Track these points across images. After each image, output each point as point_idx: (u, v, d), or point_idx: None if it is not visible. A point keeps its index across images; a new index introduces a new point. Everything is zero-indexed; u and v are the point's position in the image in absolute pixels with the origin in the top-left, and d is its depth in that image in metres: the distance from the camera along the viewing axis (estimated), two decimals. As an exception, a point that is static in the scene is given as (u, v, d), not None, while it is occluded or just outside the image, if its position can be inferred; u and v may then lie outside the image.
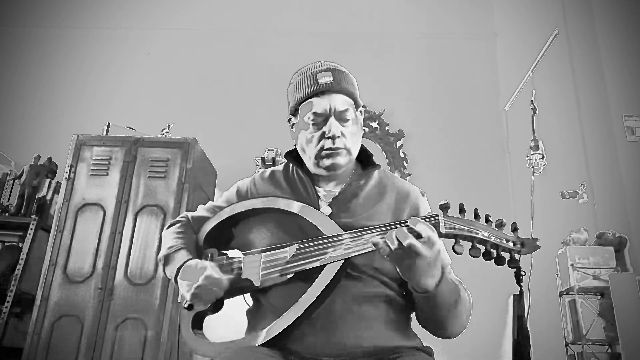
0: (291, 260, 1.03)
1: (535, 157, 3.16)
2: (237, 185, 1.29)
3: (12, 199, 3.37)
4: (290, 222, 1.10)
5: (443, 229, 0.93)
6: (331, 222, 1.05)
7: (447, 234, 0.94)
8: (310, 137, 1.14)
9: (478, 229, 0.95)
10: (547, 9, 4.06)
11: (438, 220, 0.94)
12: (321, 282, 0.98)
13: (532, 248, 0.97)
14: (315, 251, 1.02)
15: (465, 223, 0.95)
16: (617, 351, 2.90)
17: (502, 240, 0.96)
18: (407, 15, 4.71)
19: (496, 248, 0.96)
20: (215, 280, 1.05)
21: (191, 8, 4.73)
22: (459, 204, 0.97)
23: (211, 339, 1.10)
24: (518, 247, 0.97)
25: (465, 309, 1.04)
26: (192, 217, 1.27)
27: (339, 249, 1.00)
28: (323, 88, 1.12)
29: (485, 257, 0.95)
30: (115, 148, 2.96)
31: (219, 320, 1.16)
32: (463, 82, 4.43)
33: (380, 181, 1.20)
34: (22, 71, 4.55)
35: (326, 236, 1.03)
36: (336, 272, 0.99)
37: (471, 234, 0.94)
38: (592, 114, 3.63)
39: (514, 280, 1.06)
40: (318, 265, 1.01)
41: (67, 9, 4.74)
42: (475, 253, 0.95)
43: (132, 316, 2.62)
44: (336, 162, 1.13)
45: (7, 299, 2.89)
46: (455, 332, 1.05)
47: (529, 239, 0.99)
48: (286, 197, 1.15)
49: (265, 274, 1.05)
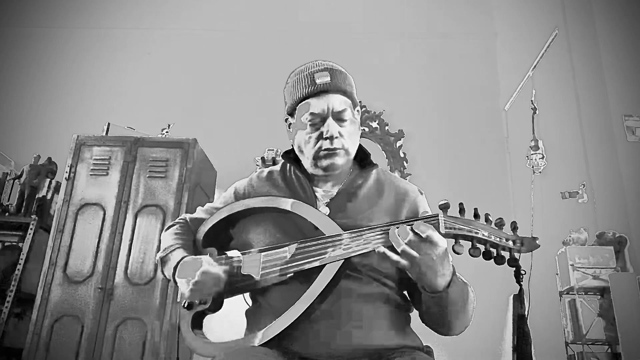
0: (291, 260, 1.03)
1: (535, 157, 3.16)
2: (234, 186, 1.28)
3: (12, 199, 3.37)
4: (288, 222, 1.10)
5: (443, 229, 0.93)
6: (331, 222, 1.05)
7: (447, 234, 0.94)
8: (308, 138, 1.13)
9: (478, 229, 0.95)
10: (547, 9, 4.06)
11: (438, 221, 0.94)
12: (321, 282, 0.98)
13: (531, 247, 0.97)
14: (314, 251, 1.02)
15: (465, 223, 0.95)
16: (617, 351, 2.90)
17: (501, 239, 0.96)
18: (407, 16, 4.71)
19: (496, 247, 0.96)
20: (212, 274, 1.05)
21: (191, 8, 4.73)
22: (459, 203, 0.97)
23: (211, 339, 1.09)
24: (518, 246, 0.97)
25: (471, 309, 1.04)
26: (190, 218, 1.27)
27: (338, 249, 1.00)
28: (320, 88, 1.12)
29: (485, 256, 0.96)
30: (115, 148, 2.96)
31: (219, 321, 1.16)
32: (463, 82, 4.43)
33: (378, 180, 1.20)
34: (22, 71, 4.55)
35: (326, 236, 1.03)
36: (336, 272, 0.99)
37: (471, 233, 0.94)
38: (592, 114, 3.63)
39: (514, 280, 1.06)
40: (318, 265, 1.01)
41: (67, 9, 4.74)
42: (475, 252, 0.95)
43: (132, 316, 2.62)
44: (334, 163, 1.12)
45: (7, 299, 2.89)
46: (459, 331, 1.05)
47: (529, 238, 0.99)
48: (285, 197, 1.14)
49: (265, 273, 1.05)
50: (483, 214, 0.97)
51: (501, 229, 0.97)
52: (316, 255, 1.02)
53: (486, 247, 0.96)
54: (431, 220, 0.94)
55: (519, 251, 0.97)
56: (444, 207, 0.95)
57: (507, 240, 0.97)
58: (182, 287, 1.08)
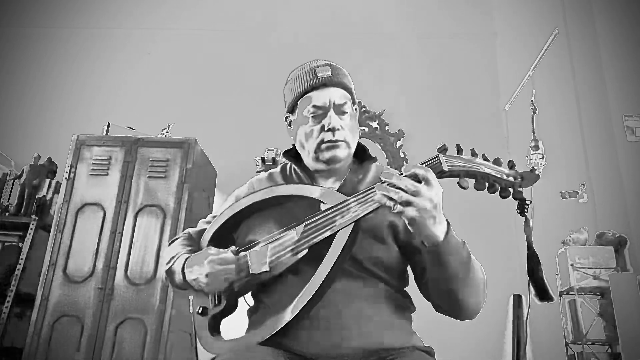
0: (301, 238, 1.03)
1: (535, 157, 3.16)
2: (234, 194, 1.28)
3: (12, 199, 3.37)
4: (289, 215, 1.10)
5: (446, 166, 0.95)
6: (334, 192, 1.05)
7: (450, 172, 0.96)
8: (310, 131, 1.14)
9: (479, 165, 0.98)
10: (547, 9, 4.06)
11: (440, 160, 0.96)
12: (335, 249, 0.97)
13: (532, 179, 1.00)
14: (323, 222, 1.02)
15: (465, 160, 0.98)
16: (617, 351, 2.90)
17: (502, 174, 0.99)
18: (407, 16, 4.71)
19: (499, 182, 0.98)
20: (219, 259, 1.05)
21: (191, 8, 4.73)
22: (456, 145, 1.00)
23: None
24: (519, 180, 0.99)
25: (478, 276, 1.01)
26: (193, 231, 1.28)
27: (347, 215, 0.99)
28: (322, 81, 1.14)
29: (490, 190, 0.98)
30: (115, 148, 2.96)
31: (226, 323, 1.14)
32: (463, 82, 4.43)
33: (377, 175, 1.20)
34: (22, 71, 4.55)
35: (332, 206, 1.03)
36: (348, 236, 0.97)
37: (473, 169, 0.97)
38: (592, 114, 3.64)
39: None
40: (329, 234, 0.99)
41: (67, 9, 4.74)
42: (480, 186, 0.97)
43: (132, 316, 2.62)
44: (336, 155, 1.13)
45: (7, 299, 2.89)
46: (472, 305, 1.01)
47: (528, 172, 1.01)
48: (283, 184, 1.15)
49: (276, 259, 1.04)
50: (480, 155, 0.99)
51: (500, 166, 1.00)
52: (326, 226, 1.01)
53: (489, 182, 0.98)
54: (432, 162, 0.96)
55: (521, 185, 0.99)
56: (442, 149, 0.98)
57: (507, 175, 0.99)
58: (195, 281, 1.07)
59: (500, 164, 1.00)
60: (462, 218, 3.10)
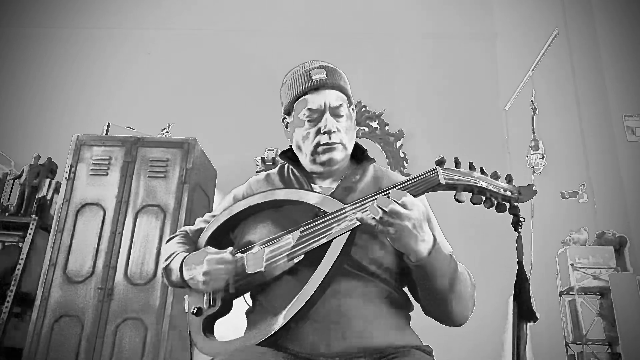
0: (297, 244, 1.03)
1: (535, 157, 3.16)
2: (232, 193, 1.28)
3: (12, 199, 3.37)
4: (287, 218, 1.10)
5: (443, 180, 0.95)
6: (331, 199, 1.05)
7: (447, 185, 0.96)
8: (306, 134, 1.14)
9: (476, 179, 0.97)
10: (547, 9, 4.06)
11: (437, 173, 0.96)
12: (330, 256, 0.97)
13: (529, 194, 0.99)
14: (320, 229, 1.02)
15: (463, 174, 0.97)
16: (617, 351, 2.90)
17: (499, 189, 0.99)
18: (408, 16, 4.70)
19: (495, 196, 0.98)
20: (218, 259, 1.05)
21: (191, 8, 4.73)
22: (454, 158, 1.00)
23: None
24: (516, 195, 0.99)
25: (465, 287, 1.02)
26: (191, 230, 1.28)
27: (343, 223, 1.00)
28: (317, 84, 1.14)
29: (487, 204, 0.97)
30: (115, 148, 2.96)
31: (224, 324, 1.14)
32: (463, 82, 4.43)
33: (375, 177, 1.21)
34: (22, 71, 4.55)
35: (328, 212, 1.03)
36: (344, 244, 0.97)
37: (470, 183, 0.97)
38: (592, 114, 3.64)
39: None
40: (325, 241, 1.00)
41: (67, 9, 4.74)
42: (477, 200, 0.97)
43: (132, 316, 2.62)
44: (333, 157, 1.14)
45: (7, 299, 2.89)
46: (459, 314, 1.02)
47: (526, 187, 1.01)
48: (282, 188, 1.15)
49: (272, 262, 1.04)
50: (478, 168, 0.99)
51: (498, 181, 1.00)
52: (322, 232, 1.01)
53: (486, 196, 0.97)
54: (430, 174, 0.96)
55: (518, 200, 0.99)
56: (440, 162, 0.98)
57: (504, 190, 0.99)
58: (194, 282, 1.08)
59: (498, 177, 1.00)
60: (463, 220, 3.11)
